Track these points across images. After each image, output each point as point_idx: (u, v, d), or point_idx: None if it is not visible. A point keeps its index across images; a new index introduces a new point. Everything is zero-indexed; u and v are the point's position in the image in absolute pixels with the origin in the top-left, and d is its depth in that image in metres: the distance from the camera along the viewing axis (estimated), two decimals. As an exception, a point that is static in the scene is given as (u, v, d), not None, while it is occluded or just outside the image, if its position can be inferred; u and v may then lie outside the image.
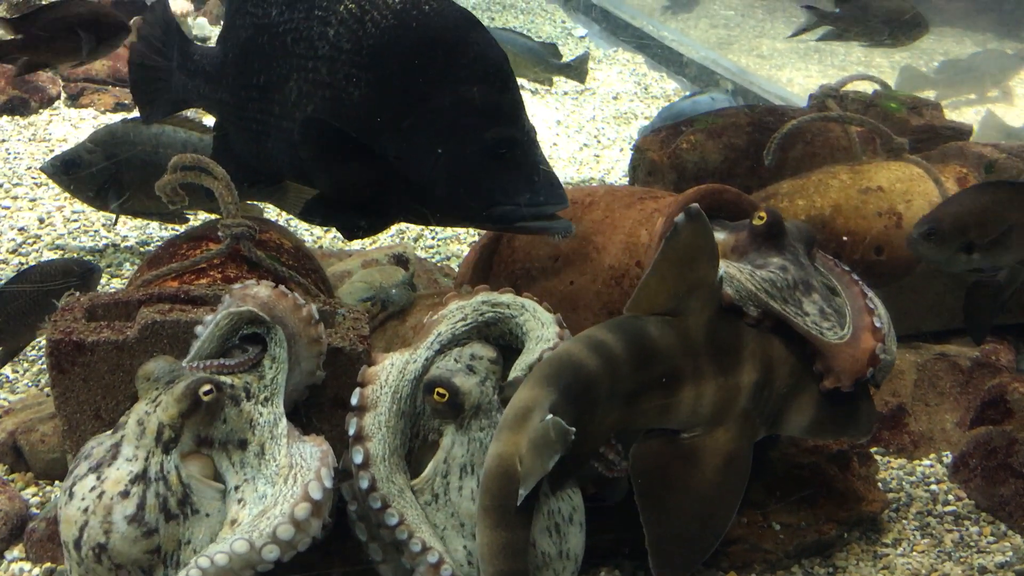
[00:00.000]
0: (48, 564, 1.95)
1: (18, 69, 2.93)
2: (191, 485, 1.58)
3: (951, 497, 2.29)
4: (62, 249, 3.30)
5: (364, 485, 1.66)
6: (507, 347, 1.90)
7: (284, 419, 1.66)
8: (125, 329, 1.76)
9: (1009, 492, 2.20)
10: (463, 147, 1.90)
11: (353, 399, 1.73)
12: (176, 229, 3.27)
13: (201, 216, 3.20)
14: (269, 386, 1.68)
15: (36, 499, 2.14)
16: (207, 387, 1.59)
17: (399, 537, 1.64)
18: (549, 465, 1.55)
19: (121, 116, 4.40)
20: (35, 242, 3.32)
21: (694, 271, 1.76)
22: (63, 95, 4.58)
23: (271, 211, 3.40)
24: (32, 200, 3.61)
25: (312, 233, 3.52)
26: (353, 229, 2.06)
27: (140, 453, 1.57)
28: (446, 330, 1.83)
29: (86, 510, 1.54)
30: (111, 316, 1.83)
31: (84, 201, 3.26)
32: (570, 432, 1.55)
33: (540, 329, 1.87)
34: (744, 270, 1.88)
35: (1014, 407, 2.35)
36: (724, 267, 1.84)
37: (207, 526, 1.57)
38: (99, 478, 1.56)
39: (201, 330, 1.72)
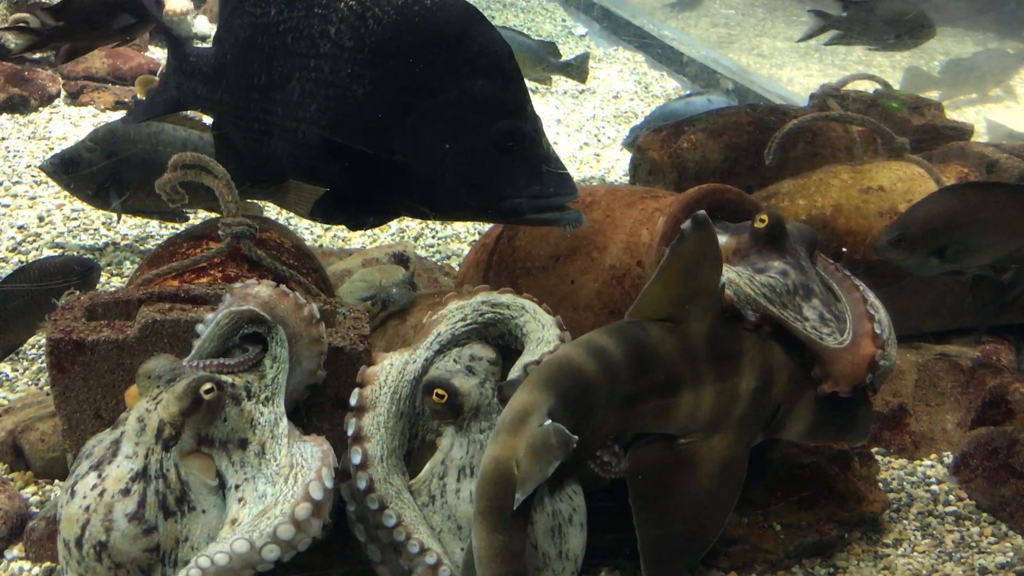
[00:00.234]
0: (48, 563, 1.95)
1: (62, 57, 2.91)
2: (189, 482, 1.58)
3: (952, 497, 2.29)
4: (62, 247, 3.29)
5: (362, 486, 1.66)
6: (506, 348, 1.90)
7: (285, 419, 1.65)
8: (125, 328, 1.75)
9: (1010, 492, 2.20)
10: (470, 141, 1.89)
11: (352, 399, 1.72)
12: (176, 228, 3.27)
13: (201, 215, 3.20)
14: (270, 385, 1.67)
15: (36, 498, 2.14)
16: (208, 385, 1.58)
17: (397, 538, 1.64)
18: (548, 471, 1.55)
19: (121, 114, 4.40)
20: (35, 240, 3.32)
21: (698, 278, 1.76)
22: (63, 93, 4.58)
23: (271, 210, 3.40)
24: (32, 198, 3.61)
25: (312, 232, 3.51)
26: (361, 224, 2.06)
27: (140, 450, 1.57)
28: (446, 330, 1.83)
29: (88, 508, 1.54)
30: (111, 315, 1.82)
31: (84, 200, 3.25)
32: (572, 440, 1.55)
33: (540, 331, 1.86)
34: (743, 274, 1.88)
35: (1015, 407, 2.35)
36: (725, 271, 1.84)
37: (204, 523, 1.57)
38: (100, 476, 1.55)
39: (202, 329, 1.72)
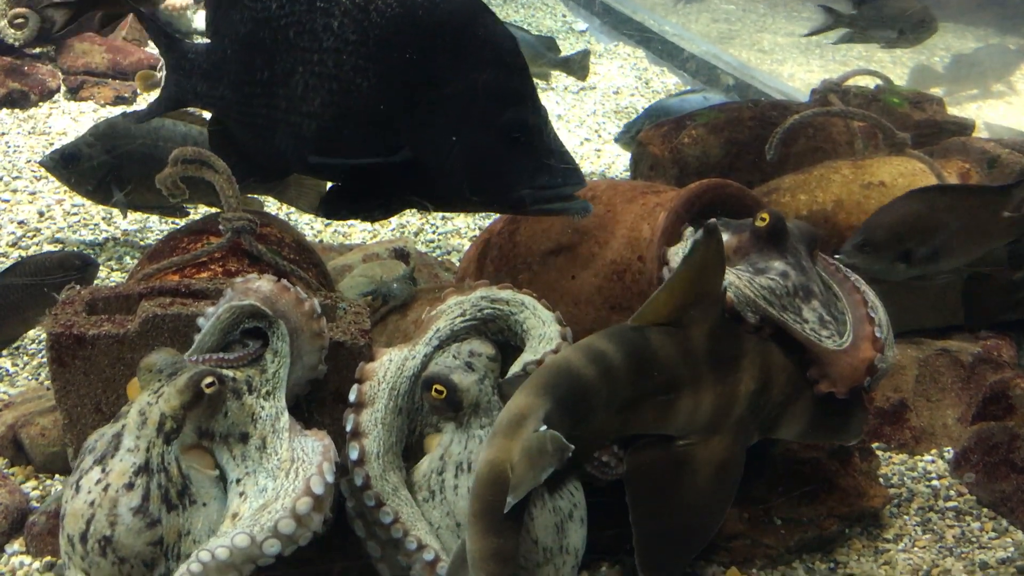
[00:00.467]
0: (48, 558, 1.95)
1: (97, 23, 2.90)
2: (190, 476, 1.58)
3: (952, 493, 2.29)
4: (62, 242, 3.29)
5: (359, 482, 1.66)
6: (505, 344, 1.90)
7: (286, 413, 1.65)
8: (126, 323, 1.75)
9: (1010, 488, 2.20)
10: (477, 133, 1.89)
11: (351, 395, 1.72)
12: (176, 223, 3.27)
13: (202, 210, 3.19)
14: (271, 380, 1.67)
15: (36, 493, 2.14)
16: (210, 379, 1.58)
17: (394, 535, 1.64)
18: (542, 477, 1.55)
19: (121, 109, 4.40)
20: (35, 235, 3.32)
21: (703, 284, 1.76)
22: (63, 88, 4.57)
23: (272, 205, 3.40)
24: (32, 193, 3.60)
25: (312, 227, 3.51)
26: (368, 217, 2.05)
27: (141, 444, 1.56)
28: (444, 326, 1.83)
29: (92, 503, 1.54)
30: (112, 310, 1.82)
31: (84, 195, 3.25)
32: (568, 448, 1.55)
33: (541, 327, 1.86)
34: (744, 276, 1.88)
35: (1016, 403, 2.35)
36: (726, 274, 1.84)
37: (205, 516, 1.57)
38: (104, 470, 1.55)
39: (203, 323, 1.71)
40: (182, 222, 3.14)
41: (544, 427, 1.57)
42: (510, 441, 1.56)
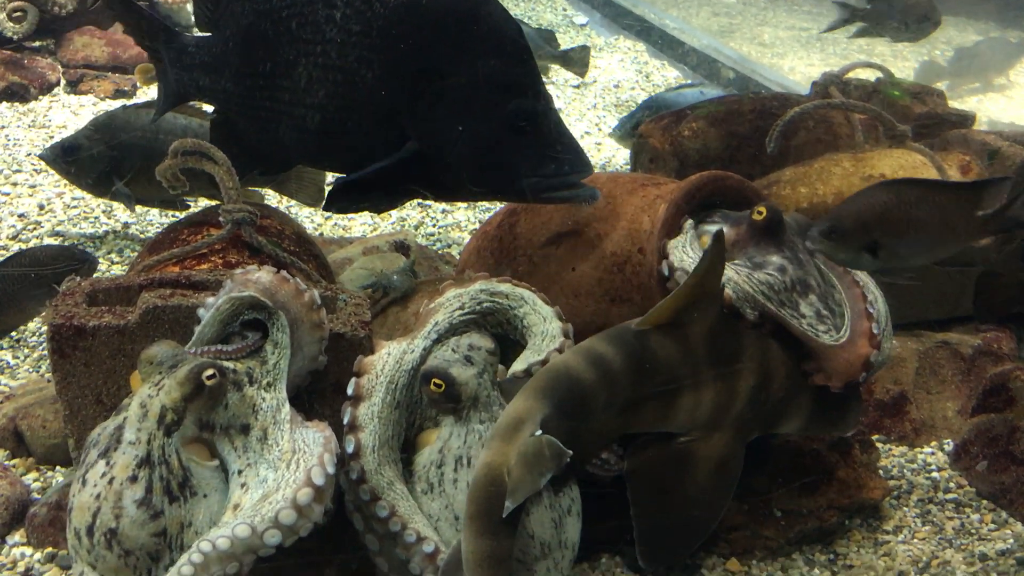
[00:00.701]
0: (49, 549, 1.96)
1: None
2: (190, 468, 1.58)
3: (952, 484, 2.29)
4: (62, 235, 3.29)
5: (354, 476, 1.66)
6: (504, 336, 1.90)
7: (287, 404, 1.65)
8: (126, 314, 1.75)
9: (1010, 480, 2.21)
10: (484, 122, 1.88)
11: (349, 388, 1.72)
12: (176, 215, 3.26)
13: (202, 203, 3.19)
14: (272, 371, 1.67)
15: (37, 484, 2.14)
16: (210, 371, 1.58)
17: (392, 529, 1.64)
18: (541, 482, 1.55)
19: (121, 103, 4.39)
20: (35, 228, 3.32)
21: (704, 288, 1.76)
22: (62, 81, 4.57)
23: (272, 197, 3.40)
24: (32, 186, 3.60)
25: (313, 220, 3.51)
26: (376, 208, 2.05)
27: (142, 436, 1.57)
28: (443, 320, 1.82)
29: (98, 496, 1.54)
30: (112, 301, 1.82)
31: (84, 188, 3.25)
32: (566, 454, 1.56)
33: (542, 324, 1.86)
34: (742, 272, 1.88)
35: (1016, 395, 2.35)
36: (725, 270, 1.85)
37: (206, 507, 1.57)
38: (108, 463, 1.56)
39: (204, 313, 1.71)
40: (182, 214, 3.14)
41: (540, 431, 1.57)
42: (507, 445, 1.57)
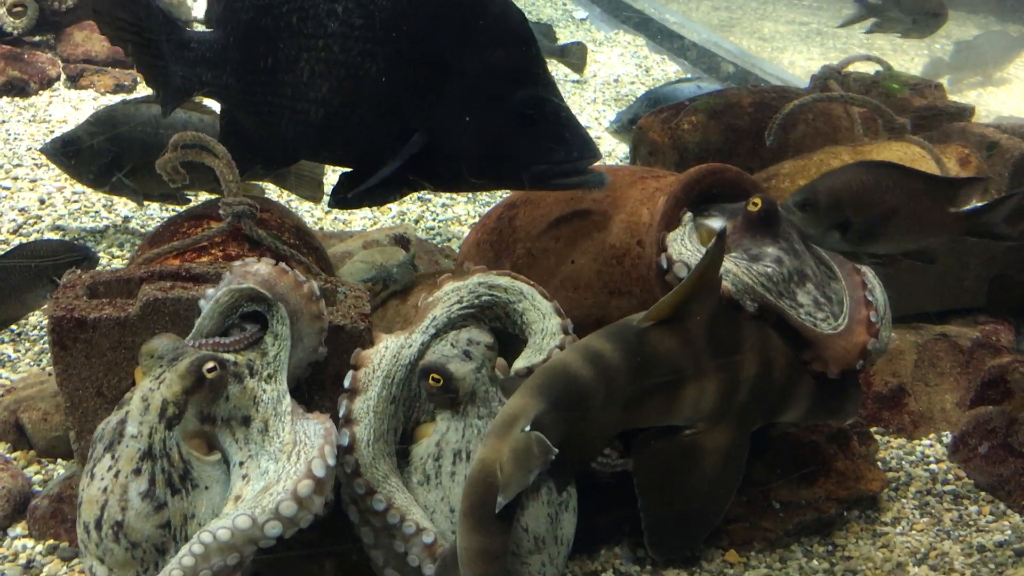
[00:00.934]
0: (51, 541, 1.96)
1: None
2: (190, 461, 1.59)
3: (951, 476, 2.30)
4: (63, 230, 3.29)
5: (348, 470, 1.67)
6: (503, 330, 1.90)
7: (288, 396, 1.66)
8: (127, 306, 1.76)
9: (1008, 471, 2.21)
10: (493, 112, 1.89)
11: (345, 381, 1.73)
12: (177, 209, 3.27)
13: (202, 197, 3.19)
14: (272, 363, 1.68)
15: (38, 477, 2.15)
16: (211, 364, 1.59)
17: (391, 521, 1.65)
18: (530, 478, 1.56)
19: (121, 97, 4.39)
20: (36, 223, 3.32)
21: (704, 281, 1.77)
22: (63, 76, 4.57)
23: (272, 191, 3.40)
24: (33, 181, 3.60)
25: (313, 214, 3.51)
26: (382, 201, 2.05)
27: (144, 429, 1.57)
28: (441, 314, 1.82)
29: (105, 489, 1.55)
30: (113, 293, 1.83)
31: (84, 183, 3.25)
32: (552, 450, 1.57)
33: (542, 321, 1.86)
34: (741, 264, 1.89)
35: (1014, 387, 2.35)
36: (723, 262, 1.85)
37: (208, 499, 1.58)
38: (114, 457, 1.57)
39: (204, 305, 1.72)
40: (183, 208, 3.14)
41: (531, 428, 1.58)
42: (502, 441, 1.58)
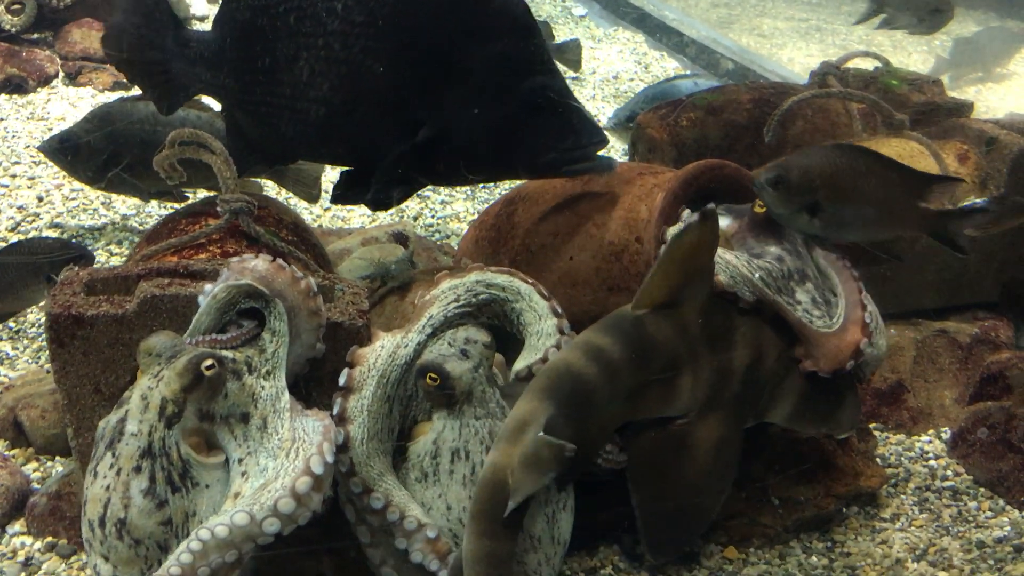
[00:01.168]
0: (49, 538, 1.96)
1: None
2: (190, 460, 1.58)
3: (950, 472, 2.30)
4: (61, 227, 3.29)
5: (343, 469, 1.67)
6: (500, 328, 1.89)
7: (286, 393, 1.65)
8: (124, 303, 1.75)
9: (1007, 467, 2.21)
10: (500, 103, 1.89)
11: (341, 379, 1.72)
12: (175, 207, 3.26)
13: (200, 194, 3.19)
14: (270, 360, 1.67)
15: (37, 474, 2.15)
16: (209, 362, 1.58)
17: (390, 518, 1.64)
18: (543, 482, 1.56)
19: (119, 95, 4.39)
20: (34, 220, 3.32)
21: (697, 264, 1.76)
22: (61, 74, 4.56)
23: (271, 188, 3.40)
24: (31, 178, 3.60)
25: (311, 212, 3.51)
26: (386, 201, 2.05)
27: (144, 428, 1.57)
28: (438, 313, 1.82)
29: (107, 487, 1.55)
30: (110, 290, 1.82)
31: (82, 180, 3.25)
32: (567, 451, 1.56)
33: (538, 323, 1.85)
34: (741, 257, 1.90)
35: (1013, 383, 2.36)
36: (722, 254, 1.85)
37: (209, 497, 1.58)
38: (115, 455, 1.57)
39: (202, 300, 1.72)
40: (181, 205, 3.14)
41: (542, 433, 1.57)
42: (512, 447, 1.58)
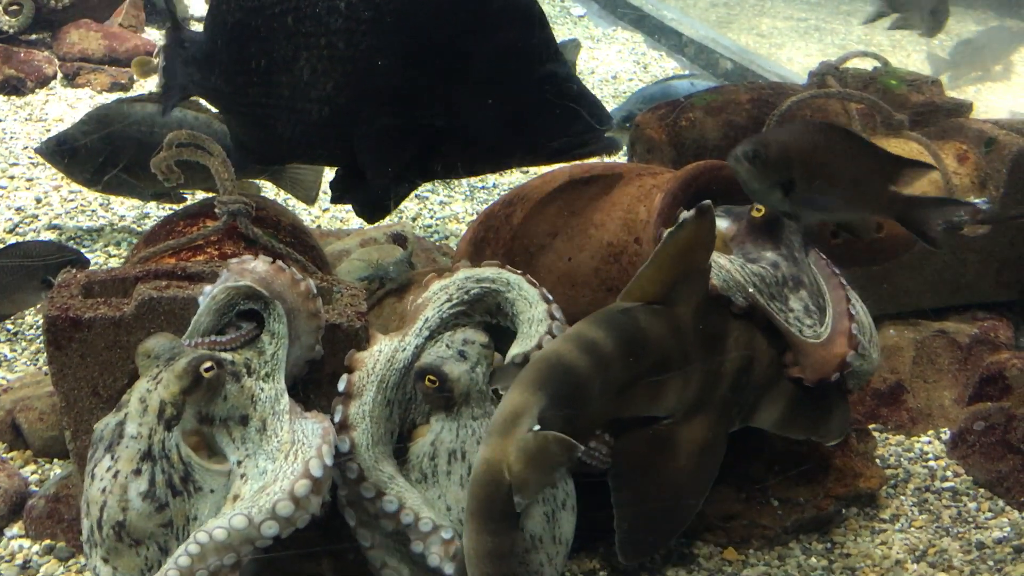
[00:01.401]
0: (47, 541, 1.96)
1: None
2: (191, 463, 1.58)
3: (949, 473, 2.30)
4: (59, 229, 3.29)
5: (352, 475, 1.66)
6: (496, 327, 1.89)
7: (286, 395, 1.65)
8: (122, 305, 1.75)
9: (1007, 468, 2.21)
10: (510, 93, 1.91)
11: (340, 384, 1.72)
12: (173, 208, 3.26)
13: (198, 196, 3.19)
14: (270, 362, 1.67)
15: (35, 477, 2.14)
16: (208, 364, 1.58)
17: (405, 521, 1.63)
18: (552, 478, 1.55)
19: (117, 96, 4.38)
20: (32, 222, 3.31)
21: (691, 261, 1.76)
22: (59, 75, 4.56)
23: (269, 190, 3.39)
24: (29, 180, 3.60)
25: (310, 213, 3.51)
26: (385, 203, 2.05)
27: (143, 431, 1.57)
28: (433, 315, 1.82)
29: (104, 490, 1.55)
30: (108, 293, 1.82)
31: (79, 182, 3.24)
32: (577, 448, 1.53)
33: (529, 310, 1.85)
34: (735, 262, 1.89)
35: (1013, 383, 2.35)
36: (716, 258, 1.85)
37: (212, 501, 1.58)
38: (113, 458, 1.56)
39: (201, 302, 1.71)
40: (179, 207, 3.13)
41: (538, 426, 1.56)
42: (505, 440, 1.55)
